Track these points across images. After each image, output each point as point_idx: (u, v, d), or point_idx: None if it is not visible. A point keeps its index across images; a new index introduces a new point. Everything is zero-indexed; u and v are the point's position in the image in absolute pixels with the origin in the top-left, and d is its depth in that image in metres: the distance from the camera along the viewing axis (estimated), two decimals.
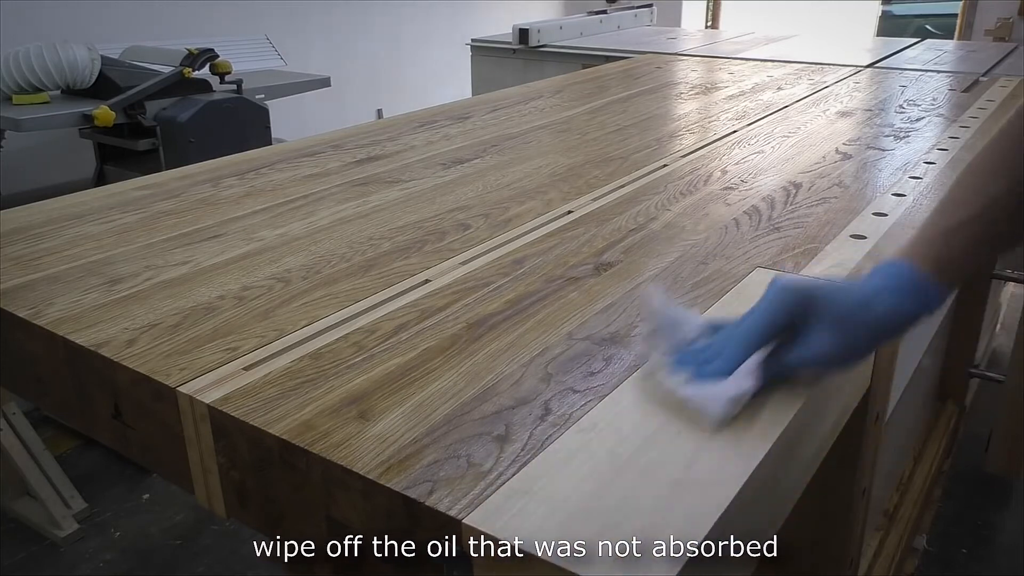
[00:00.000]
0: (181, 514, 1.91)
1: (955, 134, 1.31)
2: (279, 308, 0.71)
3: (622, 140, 1.31)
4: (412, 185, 1.08)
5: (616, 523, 0.43)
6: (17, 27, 2.67)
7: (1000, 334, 2.56)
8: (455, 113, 1.53)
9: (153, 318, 0.70)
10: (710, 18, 5.26)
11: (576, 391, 0.57)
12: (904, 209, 0.95)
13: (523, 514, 0.44)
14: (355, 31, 3.98)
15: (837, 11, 5.45)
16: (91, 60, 2.23)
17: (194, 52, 2.32)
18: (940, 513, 1.86)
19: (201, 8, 3.26)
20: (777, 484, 0.55)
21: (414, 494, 0.46)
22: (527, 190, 1.05)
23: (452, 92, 3.75)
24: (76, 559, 1.79)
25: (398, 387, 0.58)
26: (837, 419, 0.69)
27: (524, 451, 0.50)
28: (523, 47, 2.62)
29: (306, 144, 1.30)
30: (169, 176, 1.13)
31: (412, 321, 0.68)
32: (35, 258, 0.84)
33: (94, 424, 0.69)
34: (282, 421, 0.54)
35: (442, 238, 0.88)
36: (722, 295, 0.72)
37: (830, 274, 0.76)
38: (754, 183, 1.07)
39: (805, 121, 1.44)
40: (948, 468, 1.96)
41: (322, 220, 0.95)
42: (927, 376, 1.68)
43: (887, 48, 2.47)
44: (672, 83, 1.89)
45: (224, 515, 0.59)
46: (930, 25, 5.23)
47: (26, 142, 2.57)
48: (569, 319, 0.68)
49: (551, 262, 0.81)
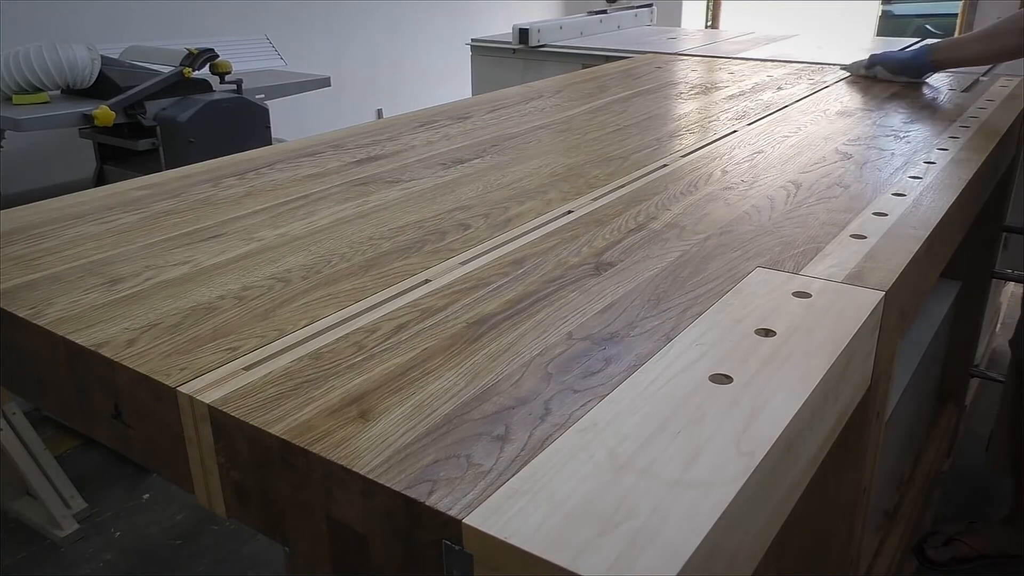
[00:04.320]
0: (181, 514, 1.91)
1: (955, 134, 1.31)
2: (279, 308, 0.71)
3: (622, 140, 1.31)
4: (412, 185, 1.08)
5: (616, 523, 0.43)
6: (17, 27, 2.68)
7: (1000, 334, 2.56)
8: (455, 113, 1.53)
9: (153, 318, 0.70)
10: (710, 18, 5.26)
11: (576, 391, 0.57)
12: (904, 209, 0.95)
13: (523, 514, 0.44)
14: (355, 31, 3.98)
15: (837, 11, 5.45)
16: (91, 60, 2.23)
17: (194, 52, 2.32)
18: (940, 513, 1.86)
19: (201, 8, 3.26)
20: (777, 484, 0.55)
21: (414, 494, 0.46)
22: (527, 190, 1.05)
23: (452, 92, 3.75)
24: (76, 559, 1.79)
25: (398, 387, 0.58)
26: (837, 419, 0.69)
27: (524, 451, 0.50)
28: (523, 47, 2.62)
29: (306, 144, 1.30)
30: (169, 176, 1.13)
31: (412, 321, 0.68)
32: (35, 258, 0.84)
33: (94, 424, 0.69)
34: (282, 421, 0.54)
35: (442, 238, 0.88)
36: (722, 295, 0.72)
37: (830, 274, 0.76)
38: (754, 183, 1.07)
39: (805, 121, 1.44)
40: (948, 468, 1.96)
41: (322, 220, 0.95)
42: (927, 376, 1.68)
43: (887, 48, 2.46)
44: (672, 83, 1.89)
45: (224, 515, 0.59)
46: (930, 25, 5.23)
47: (26, 142, 2.57)
48: (569, 319, 0.68)
49: (551, 262, 0.81)
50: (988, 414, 1.97)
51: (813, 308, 0.69)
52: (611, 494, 0.46)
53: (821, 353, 0.62)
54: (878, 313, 0.72)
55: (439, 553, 0.46)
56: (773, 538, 0.58)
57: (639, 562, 0.41)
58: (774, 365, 0.60)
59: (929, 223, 0.90)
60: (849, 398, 0.72)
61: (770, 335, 0.64)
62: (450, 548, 0.45)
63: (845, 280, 0.75)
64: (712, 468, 0.48)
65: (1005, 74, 1.93)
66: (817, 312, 0.69)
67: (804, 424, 0.57)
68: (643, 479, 0.47)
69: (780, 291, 0.73)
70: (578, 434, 0.52)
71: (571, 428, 0.52)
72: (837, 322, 0.67)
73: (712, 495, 0.46)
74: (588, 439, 0.51)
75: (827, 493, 0.87)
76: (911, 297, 0.88)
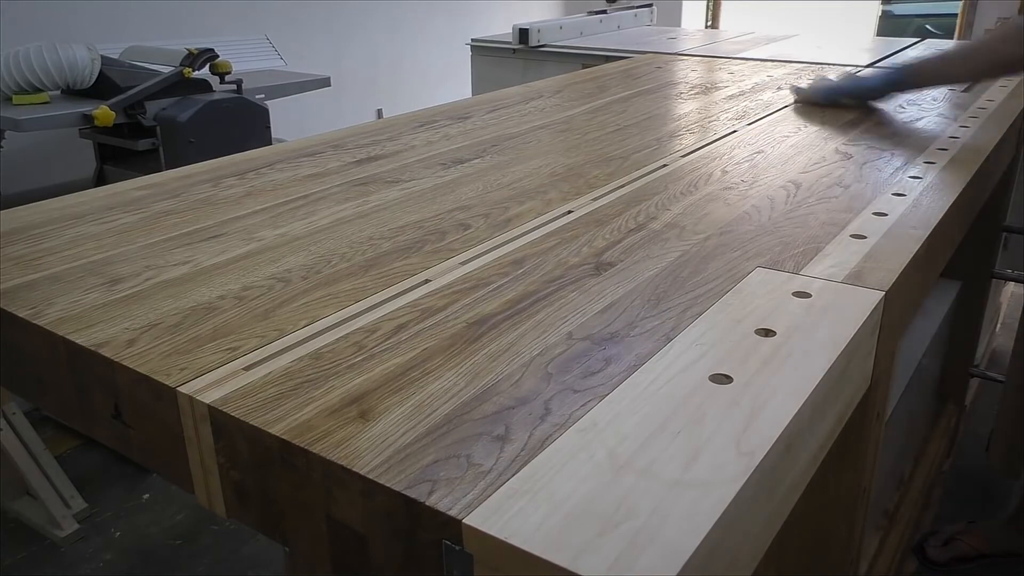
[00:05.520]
0: (181, 514, 1.91)
1: (955, 134, 1.31)
2: (279, 308, 0.71)
3: (622, 140, 1.31)
4: (412, 185, 1.08)
5: (616, 523, 0.43)
6: (17, 27, 2.68)
7: (1000, 334, 2.56)
8: (455, 113, 1.53)
9: (153, 318, 0.70)
10: (710, 18, 5.26)
11: (576, 391, 0.57)
12: (904, 209, 0.95)
13: (523, 514, 0.44)
14: (355, 31, 3.98)
15: (837, 11, 5.45)
16: (91, 60, 2.23)
17: (194, 52, 2.32)
18: (940, 513, 1.86)
19: (201, 8, 3.26)
20: (777, 484, 0.55)
21: (414, 494, 0.46)
22: (527, 190, 1.05)
23: (452, 92, 3.76)
24: (76, 559, 1.79)
25: (398, 387, 0.58)
26: (837, 419, 0.69)
27: (524, 451, 0.50)
28: (523, 47, 2.62)
29: (306, 144, 1.30)
30: (169, 176, 1.13)
31: (412, 321, 0.68)
32: (35, 258, 0.84)
33: (94, 424, 0.69)
34: (282, 421, 0.54)
35: (442, 238, 0.88)
36: (722, 295, 0.72)
37: (830, 274, 0.76)
38: (754, 183, 1.07)
39: (805, 121, 1.44)
40: (948, 468, 1.96)
41: (322, 220, 0.95)
42: (927, 376, 1.68)
43: (887, 48, 2.47)
44: (672, 83, 1.89)
45: (224, 515, 0.59)
46: (930, 25, 5.23)
47: (26, 142, 2.57)
48: (569, 319, 0.68)
49: (551, 262, 0.81)
50: (988, 414, 1.96)
51: (813, 308, 0.69)
52: (611, 494, 0.46)
53: (821, 353, 0.62)
54: (878, 313, 0.72)
55: (439, 553, 0.46)
56: (773, 538, 0.58)
57: (639, 562, 0.41)
58: (774, 365, 0.60)
59: (929, 223, 0.90)
60: (849, 398, 0.72)
61: (770, 335, 0.64)
62: (450, 548, 0.45)
63: (845, 280, 0.75)
64: (712, 468, 0.48)
65: None
66: (817, 312, 0.69)
67: (804, 424, 0.57)
68: (643, 479, 0.47)
69: (780, 291, 0.73)
70: (578, 434, 0.52)
71: (571, 428, 0.52)
72: (837, 322, 0.67)
73: (712, 495, 0.46)
74: (588, 439, 0.51)
75: (827, 493, 0.87)
76: (911, 297, 0.88)
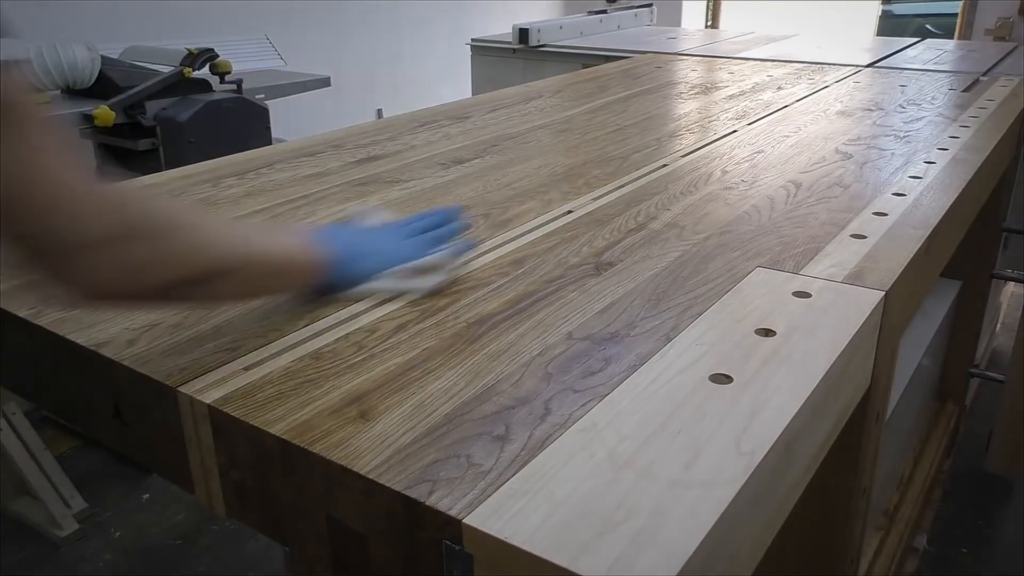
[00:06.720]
0: (181, 514, 1.91)
1: (955, 134, 1.31)
2: (279, 308, 0.71)
3: (622, 140, 1.31)
4: (412, 185, 1.08)
5: (616, 523, 0.43)
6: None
7: (1000, 334, 2.56)
8: (455, 113, 1.53)
9: (153, 318, 0.70)
10: (710, 18, 5.27)
11: (576, 391, 0.57)
12: (904, 209, 0.95)
13: (523, 514, 0.44)
14: (355, 31, 3.98)
15: (837, 11, 5.46)
16: (91, 60, 2.23)
17: (194, 52, 2.31)
18: (940, 513, 1.86)
19: (201, 8, 3.27)
20: (777, 484, 0.55)
21: (414, 494, 0.46)
22: (527, 190, 1.05)
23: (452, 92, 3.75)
24: (76, 559, 1.79)
25: (398, 387, 0.58)
26: (837, 419, 0.69)
27: (524, 451, 0.50)
28: (523, 47, 2.62)
29: (306, 144, 1.30)
30: (169, 176, 1.13)
31: (412, 321, 0.68)
32: None
33: (94, 424, 0.69)
34: (282, 421, 0.54)
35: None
36: (722, 295, 0.72)
37: (830, 274, 0.76)
38: (754, 183, 1.07)
39: (805, 121, 1.44)
40: (948, 468, 1.96)
41: (322, 220, 0.95)
42: (927, 376, 1.68)
43: (887, 48, 2.47)
44: (672, 83, 1.89)
45: (224, 515, 0.59)
46: (930, 25, 5.23)
47: None
48: (569, 319, 0.68)
49: (551, 262, 0.81)
50: (988, 414, 1.97)
51: (813, 308, 0.69)
52: (611, 494, 0.46)
53: (821, 353, 0.62)
54: (878, 313, 0.72)
55: (439, 553, 0.46)
56: (773, 538, 0.58)
57: (639, 562, 0.41)
58: (774, 365, 0.60)
59: (929, 223, 0.90)
60: (849, 398, 0.72)
61: (770, 335, 0.64)
62: (450, 548, 0.45)
63: (845, 280, 0.75)
64: (712, 468, 0.48)
65: (1005, 74, 1.93)
66: (817, 312, 0.69)
67: (804, 424, 0.57)
68: (643, 479, 0.47)
69: (780, 291, 0.73)
70: (578, 434, 0.52)
71: (571, 428, 0.52)
72: (837, 322, 0.67)
73: (712, 495, 0.46)
74: (588, 439, 0.51)
75: (827, 493, 0.87)
76: (911, 297, 0.88)
